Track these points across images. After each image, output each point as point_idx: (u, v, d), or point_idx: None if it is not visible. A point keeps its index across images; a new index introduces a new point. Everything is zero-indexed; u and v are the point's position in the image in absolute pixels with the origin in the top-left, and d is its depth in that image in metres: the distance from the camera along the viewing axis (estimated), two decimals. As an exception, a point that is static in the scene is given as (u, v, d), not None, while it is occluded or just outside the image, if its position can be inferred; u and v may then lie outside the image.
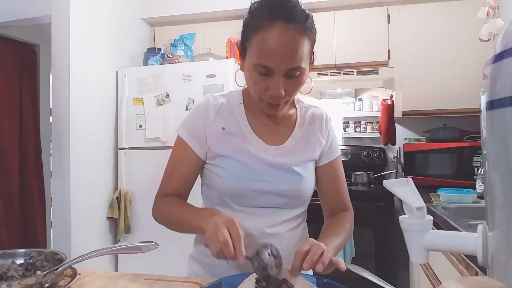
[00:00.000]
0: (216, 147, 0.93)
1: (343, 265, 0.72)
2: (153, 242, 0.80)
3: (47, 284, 0.68)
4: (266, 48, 0.79)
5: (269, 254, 0.71)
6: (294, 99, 1.02)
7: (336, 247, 0.88)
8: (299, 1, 0.83)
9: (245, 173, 0.91)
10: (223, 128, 0.94)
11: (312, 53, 0.88)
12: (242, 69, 0.91)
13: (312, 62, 0.90)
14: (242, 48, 0.88)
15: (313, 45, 0.87)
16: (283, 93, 0.83)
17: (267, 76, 0.83)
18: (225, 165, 0.92)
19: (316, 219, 1.07)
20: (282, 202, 0.94)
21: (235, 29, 2.92)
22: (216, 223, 0.73)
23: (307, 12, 0.83)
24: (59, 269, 0.71)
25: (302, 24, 0.80)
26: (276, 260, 0.71)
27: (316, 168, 1.01)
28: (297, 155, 0.95)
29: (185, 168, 0.95)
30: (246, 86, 0.94)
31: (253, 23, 0.82)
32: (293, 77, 0.83)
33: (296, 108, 1.02)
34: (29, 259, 0.80)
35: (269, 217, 0.93)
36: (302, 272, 0.73)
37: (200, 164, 0.96)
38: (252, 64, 0.83)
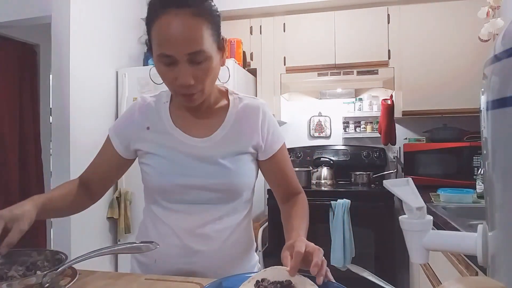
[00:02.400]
0: (142, 146, 0.95)
1: (331, 277, 0.72)
2: (153, 242, 0.80)
3: (47, 284, 0.68)
4: (163, 36, 0.79)
5: None
6: (227, 91, 1.00)
7: (305, 234, 0.88)
8: None
9: (170, 168, 0.91)
10: (148, 128, 0.95)
11: (219, 37, 0.86)
12: (155, 66, 0.89)
13: (223, 48, 0.88)
14: (149, 44, 0.87)
15: (218, 30, 0.85)
16: (191, 80, 0.81)
17: (172, 66, 0.81)
18: (151, 162, 0.93)
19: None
20: (211, 197, 0.92)
21: (234, 29, 2.93)
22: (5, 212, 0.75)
23: None
24: (60, 269, 0.71)
25: (197, 7, 0.79)
26: None
27: (261, 162, 0.99)
28: (226, 147, 0.92)
29: (101, 160, 1.00)
30: None
31: (150, 16, 0.82)
32: (199, 63, 0.81)
33: (228, 100, 0.98)
34: (29, 259, 0.80)
35: (200, 214, 0.92)
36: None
37: (119, 160, 0.98)
38: (156, 56, 0.83)
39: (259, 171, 1.02)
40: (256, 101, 1.00)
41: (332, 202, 2.53)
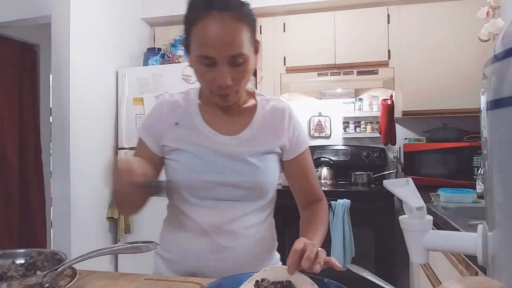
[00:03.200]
0: (170, 142, 0.95)
1: (337, 263, 0.72)
2: (153, 242, 0.80)
3: (47, 284, 0.68)
4: (205, 38, 0.80)
5: None
6: (254, 92, 1.02)
7: (320, 241, 0.88)
8: None
9: (198, 165, 0.92)
10: (176, 123, 0.96)
11: (255, 41, 0.88)
12: (191, 65, 0.90)
13: (258, 51, 0.90)
14: (187, 44, 0.89)
15: (254, 32, 0.87)
16: (230, 81, 0.83)
17: (211, 67, 0.83)
18: (179, 158, 0.94)
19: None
20: (239, 194, 0.92)
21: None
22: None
23: (243, 0, 0.85)
24: (60, 269, 0.71)
25: (238, 11, 0.81)
26: None
27: (284, 163, 1.00)
28: (254, 146, 0.94)
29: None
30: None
31: (191, 17, 0.84)
32: (237, 64, 0.83)
33: (256, 100, 1.01)
34: (29, 259, 0.80)
35: (226, 211, 0.92)
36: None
37: (156, 159, 0.97)
38: (195, 57, 0.84)
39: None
40: (282, 103, 1.03)
41: (332, 202, 2.53)
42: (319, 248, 0.73)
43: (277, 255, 1.06)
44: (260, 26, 2.95)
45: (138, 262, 2.43)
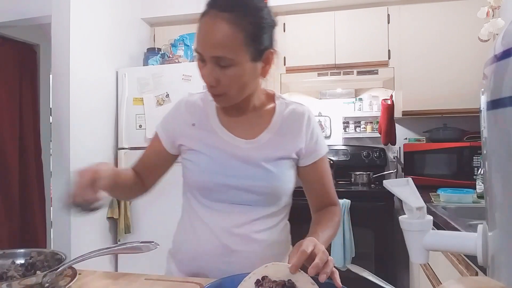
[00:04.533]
0: (186, 142, 0.96)
1: (339, 281, 0.71)
2: (153, 242, 0.80)
3: (47, 284, 0.68)
4: (198, 33, 0.82)
5: None
6: (274, 95, 1.01)
7: (326, 240, 0.88)
8: None
9: (212, 167, 0.92)
10: (193, 124, 0.96)
11: (259, 48, 0.85)
12: None
13: (267, 60, 0.89)
14: None
15: (257, 40, 0.83)
16: (214, 82, 0.83)
17: (203, 63, 0.84)
18: (194, 159, 0.94)
19: (300, 220, 1.06)
20: (251, 199, 0.92)
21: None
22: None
23: (260, 5, 0.84)
24: (59, 269, 0.71)
25: (239, 14, 0.80)
26: None
27: (300, 168, 0.99)
28: (270, 151, 0.93)
29: (149, 153, 1.02)
30: None
31: (202, 12, 0.84)
32: (225, 67, 0.81)
33: (275, 103, 0.99)
34: (29, 259, 0.80)
35: (238, 214, 0.92)
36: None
37: (167, 155, 0.99)
38: (194, 51, 0.86)
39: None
40: (302, 107, 1.00)
41: (332, 202, 2.53)
42: (330, 257, 0.72)
43: None
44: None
45: (138, 262, 2.43)
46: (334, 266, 0.74)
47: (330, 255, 0.75)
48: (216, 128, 0.95)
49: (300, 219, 1.13)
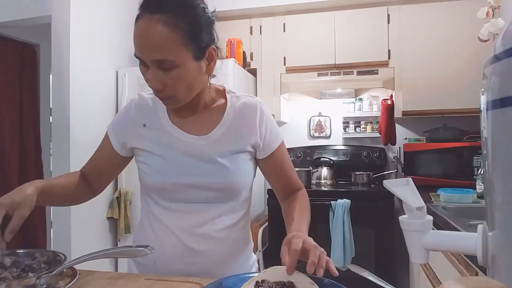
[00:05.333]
0: (138, 143, 0.95)
1: (335, 269, 0.71)
2: (148, 246, 0.79)
3: (44, 286, 0.68)
4: (135, 39, 0.81)
5: None
6: (224, 90, 0.99)
7: (307, 229, 0.87)
8: None
9: (166, 167, 0.91)
10: (144, 125, 0.95)
11: (199, 46, 0.83)
12: None
13: (211, 57, 0.87)
14: None
15: (195, 38, 0.81)
16: (159, 85, 0.81)
17: (146, 68, 0.82)
18: (148, 161, 0.93)
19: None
20: (210, 196, 0.91)
21: (234, 29, 2.93)
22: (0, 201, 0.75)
23: (193, 3, 0.82)
24: (55, 271, 0.70)
25: (173, 15, 0.78)
26: None
27: (260, 160, 0.98)
28: (224, 146, 0.92)
29: (99, 156, 1.02)
30: None
31: (136, 15, 0.83)
32: (168, 70, 0.80)
33: (226, 98, 0.98)
34: (25, 260, 0.79)
35: (197, 213, 0.91)
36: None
37: (115, 156, 0.99)
38: (134, 56, 0.84)
39: (257, 170, 1.02)
40: (253, 99, 0.99)
41: (332, 202, 2.53)
42: (321, 249, 0.73)
43: (253, 257, 1.05)
44: (260, 26, 2.95)
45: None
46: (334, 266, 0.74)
47: (330, 255, 0.75)
48: (167, 127, 0.94)
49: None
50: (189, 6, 0.81)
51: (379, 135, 2.94)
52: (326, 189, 2.79)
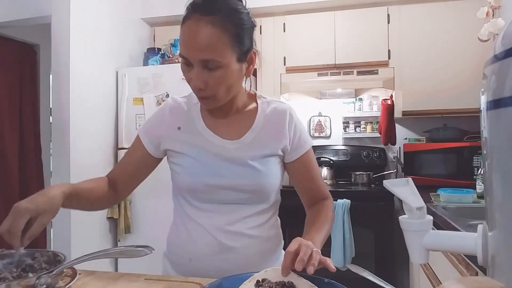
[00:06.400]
0: (173, 145, 0.97)
1: (332, 266, 0.72)
2: (148, 246, 0.79)
3: (44, 286, 0.68)
4: (183, 38, 0.83)
5: None
6: (256, 95, 1.03)
7: (323, 240, 0.89)
8: None
9: (200, 169, 0.93)
10: (179, 128, 0.98)
11: (243, 49, 0.86)
12: None
13: (251, 60, 0.90)
14: None
15: (241, 40, 0.85)
16: (202, 85, 0.84)
17: (189, 67, 0.85)
18: (182, 162, 0.96)
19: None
20: (240, 197, 0.94)
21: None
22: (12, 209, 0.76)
23: (239, 7, 0.86)
24: (54, 272, 0.70)
25: (221, 17, 0.81)
26: None
27: (287, 164, 1.01)
28: (256, 149, 0.95)
29: (130, 159, 1.02)
30: None
31: (184, 17, 0.85)
32: (212, 70, 0.83)
33: (257, 103, 1.02)
34: (26, 260, 0.79)
35: (229, 214, 0.94)
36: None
37: (148, 158, 1.00)
38: (179, 56, 0.87)
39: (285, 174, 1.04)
40: (283, 105, 1.03)
41: (332, 202, 2.53)
42: (314, 249, 0.73)
43: (283, 254, 1.06)
44: (260, 26, 2.95)
45: (138, 262, 2.43)
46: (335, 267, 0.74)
47: (330, 255, 0.76)
48: (201, 130, 0.97)
49: (297, 219, 1.14)
50: (236, 10, 0.85)
51: (379, 135, 2.94)
52: (326, 189, 2.78)
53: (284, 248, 0.77)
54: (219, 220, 0.94)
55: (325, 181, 2.91)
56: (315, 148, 3.13)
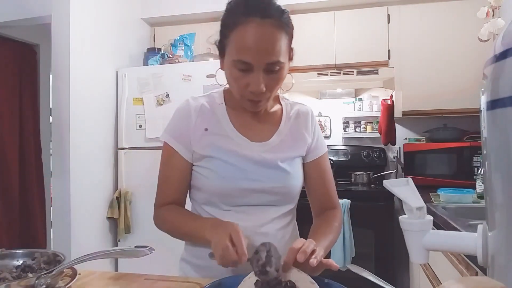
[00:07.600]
0: (200, 148, 0.93)
1: (335, 264, 0.72)
2: (148, 246, 0.79)
3: (44, 286, 0.68)
4: (244, 43, 0.81)
5: (267, 252, 0.71)
6: (278, 96, 1.04)
7: (326, 248, 0.88)
8: None
9: (232, 173, 0.91)
10: (206, 129, 0.94)
11: (290, 48, 0.89)
12: (222, 68, 0.92)
13: (292, 58, 0.91)
14: (221, 47, 0.90)
15: (291, 40, 0.88)
16: (264, 88, 0.84)
17: (247, 72, 0.83)
18: (211, 166, 0.92)
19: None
20: (271, 199, 0.94)
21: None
22: (219, 233, 0.75)
23: (283, 8, 0.86)
24: (54, 272, 0.70)
25: (278, 19, 0.82)
26: (274, 258, 0.71)
27: (303, 165, 1.00)
28: (283, 152, 0.95)
29: (178, 174, 0.96)
30: (226, 85, 0.95)
31: (230, 21, 0.84)
32: (273, 72, 0.84)
33: (281, 105, 1.02)
34: (26, 260, 0.79)
35: (259, 215, 0.93)
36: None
37: (190, 167, 0.96)
38: (231, 61, 0.84)
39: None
40: (305, 107, 1.04)
41: (332, 202, 2.53)
42: (318, 247, 0.73)
43: None
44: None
45: (138, 262, 2.43)
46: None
47: (330, 255, 0.76)
48: (230, 133, 0.94)
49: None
50: (283, 11, 0.85)
51: (379, 135, 2.94)
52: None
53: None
54: (249, 222, 0.91)
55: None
56: (315, 148, 3.13)
